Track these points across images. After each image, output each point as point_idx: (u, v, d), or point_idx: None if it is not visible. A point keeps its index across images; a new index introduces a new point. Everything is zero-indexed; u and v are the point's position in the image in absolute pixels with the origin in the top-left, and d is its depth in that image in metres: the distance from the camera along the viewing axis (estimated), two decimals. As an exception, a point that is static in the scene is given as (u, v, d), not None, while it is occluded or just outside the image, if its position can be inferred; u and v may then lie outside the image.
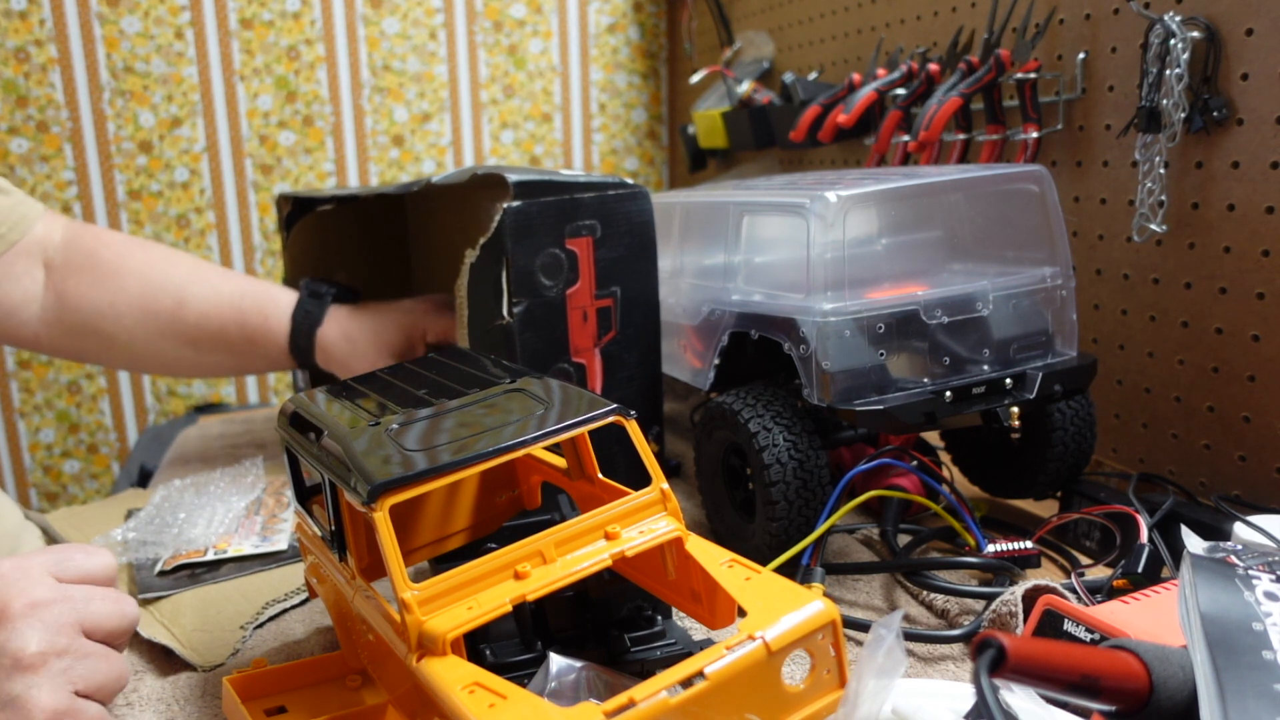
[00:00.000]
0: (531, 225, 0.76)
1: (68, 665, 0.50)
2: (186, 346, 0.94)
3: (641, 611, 0.55)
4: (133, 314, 0.92)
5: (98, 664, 0.51)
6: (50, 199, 1.67)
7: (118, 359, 0.98)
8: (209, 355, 0.95)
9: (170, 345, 0.93)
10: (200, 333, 0.93)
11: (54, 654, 0.49)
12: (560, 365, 0.80)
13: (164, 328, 0.93)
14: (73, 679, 0.50)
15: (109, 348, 0.94)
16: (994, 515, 0.81)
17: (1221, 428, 0.79)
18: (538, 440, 0.49)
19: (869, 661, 0.42)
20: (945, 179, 0.72)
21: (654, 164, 2.01)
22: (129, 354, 0.95)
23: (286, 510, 0.84)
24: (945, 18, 1.05)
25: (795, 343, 0.69)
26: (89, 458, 1.81)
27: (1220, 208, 0.77)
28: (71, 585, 0.53)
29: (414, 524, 0.62)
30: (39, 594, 0.51)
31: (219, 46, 1.71)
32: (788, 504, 0.67)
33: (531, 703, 0.40)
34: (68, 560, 0.54)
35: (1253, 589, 0.42)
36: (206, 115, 1.73)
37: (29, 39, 1.61)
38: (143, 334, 0.93)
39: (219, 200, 1.76)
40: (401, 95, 1.82)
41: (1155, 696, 0.37)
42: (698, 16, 1.75)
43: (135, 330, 0.92)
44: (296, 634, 0.66)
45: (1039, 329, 0.74)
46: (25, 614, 0.49)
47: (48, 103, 1.64)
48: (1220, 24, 0.75)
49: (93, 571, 0.55)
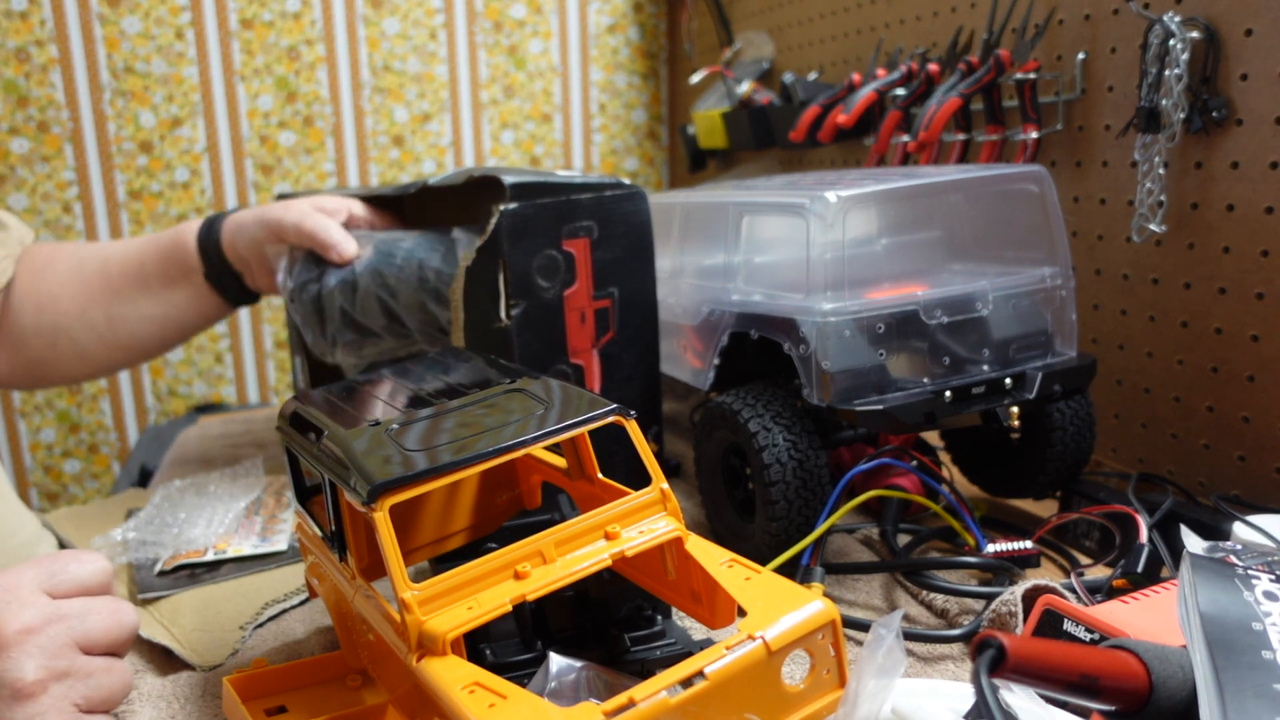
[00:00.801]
0: (528, 227, 0.76)
1: (69, 687, 0.49)
2: (115, 301, 0.92)
3: (641, 611, 0.55)
4: (66, 292, 0.91)
5: (100, 680, 0.50)
6: (50, 199, 1.67)
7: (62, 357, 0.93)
8: (135, 304, 0.92)
9: (101, 311, 0.92)
10: (124, 280, 0.92)
11: (53, 679, 0.48)
12: (558, 366, 0.80)
13: (95, 293, 0.92)
14: (75, 700, 0.49)
15: (52, 347, 0.92)
16: (994, 515, 0.81)
17: (1221, 428, 0.80)
18: (538, 440, 0.49)
19: (869, 661, 0.42)
20: (945, 179, 0.72)
21: (654, 164, 2.01)
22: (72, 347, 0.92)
23: (286, 510, 0.84)
24: (945, 18, 1.05)
25: (795, 343, 0.69)
26: (89, 457, 1.81)
27: (1219, 208, 0.77)
28: (65, 601, 0.51)
29: (414, 524, 0.62)
30: (32, 618, 0.49)
31: (219, 47, 1.71)
32: (788, 504, 0.67)
33: (531, 703, 0.40)
34: (60, 573, 0.52)
35: (1252, 589, 0.42)
36: (207, 115, 1.73)
37: (29, 39, 1.61)
38: (77, 311, 0.91)
39: (219, 200, 1.76)
40: (402, 95, 1.82)
41: (1155, 696, 0.37)
42: (698, 17, 1.75)
43: (70, 309, 0.91)
44: (296, 634, 0.66)
45: (1039, 329, 0.74)
46: (20, 641, 0.48)
47: (48, 103, 1.64)
48: (1220, 24, 0.75)
49: (87, 581, 0.53)
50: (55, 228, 1.68)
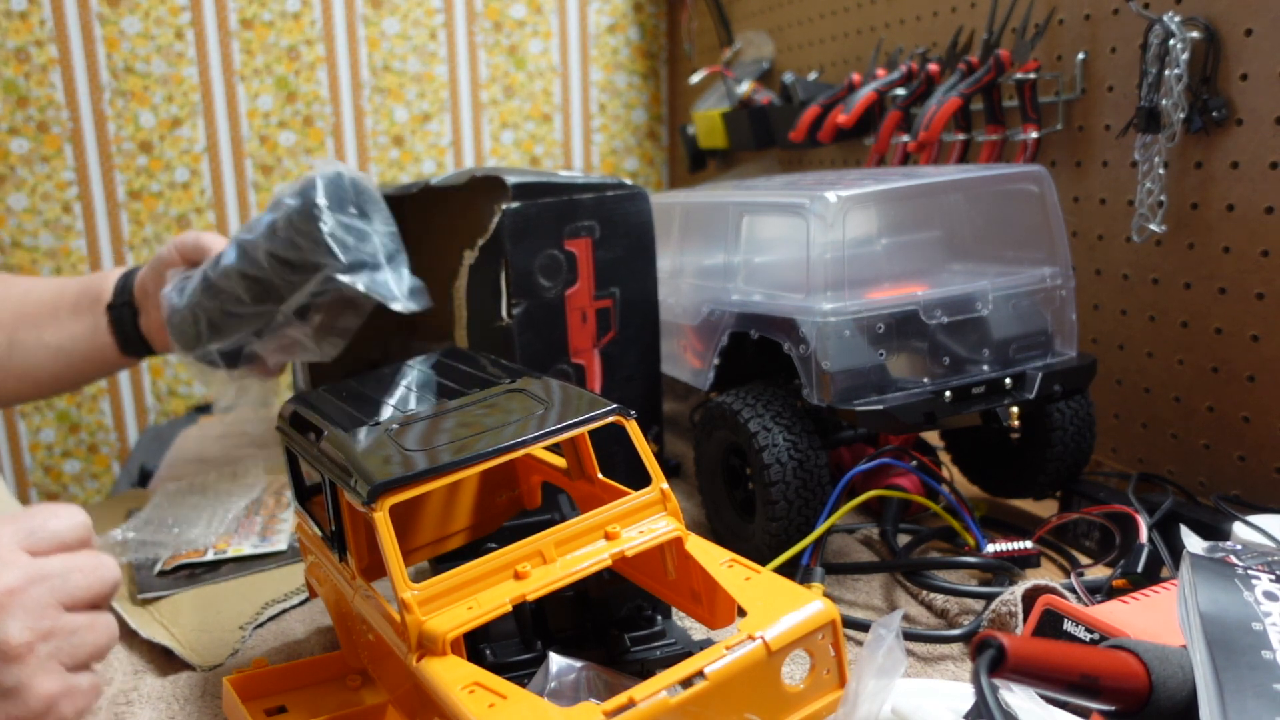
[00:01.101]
0: (530, 226, 0.76)
1: (55, 647, 0.49)
2: (23, 326, 0.91)
3: (641, 611, 0.55)
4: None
5: (84, 636, 0.50)
6: (50, 199, 1.67)
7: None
8: (40, 330, 0.91)
9: (5, 335, 0.91)
10: (39, 307, 0.91)
11: (39, 639, 0.48)
12: (559, 366, 0.80)
13: (5, 317, 0.91)
14: (63, 659, 0.49)
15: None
16: (994, 515, 0.81)
17: (1221, 428, 0.80)
18: (538, 440, 0.49)
19: (869, 661, 0.42)
20: (945, 179, 0.72)
21: (654, 164, 2.01)
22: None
23: (286, 510, 0.84)
24: (945, 18, 1.05)
25: (795, 343, 0.69)
26: (89, 458, 1.81)
27: (1219, 208, 0.77)
28: (46, 560, 0.51)
29: (414, 524, 0.62)
30: (14, 579, 0.49)
31: (219, 47, 1.71)
32: (788, 504, 0.67)
33: (531, 703, 0.40)
34: (39, 530, 0.51)
35: (1252, 589, 0.42)
36: (207, 115, 1.73)
37: (29, 39, 1.61)
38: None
39: (219, 200, 1.76)
40: (402, 95, 1.82)
41: (1155, 696, 0.37)
42: (698, 17, 1.75)
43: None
44: (296, 634, 0.66)
45: (1039, 329, 0.74)
46: (4, 603, 0.48)
47: (48, 103, 1.64)
48: (1219, 24, 0.75)
49: (65, 537, 0.52)
50: (55, 228, 1.68)
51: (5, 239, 1.65)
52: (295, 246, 0.80)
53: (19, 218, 1.66)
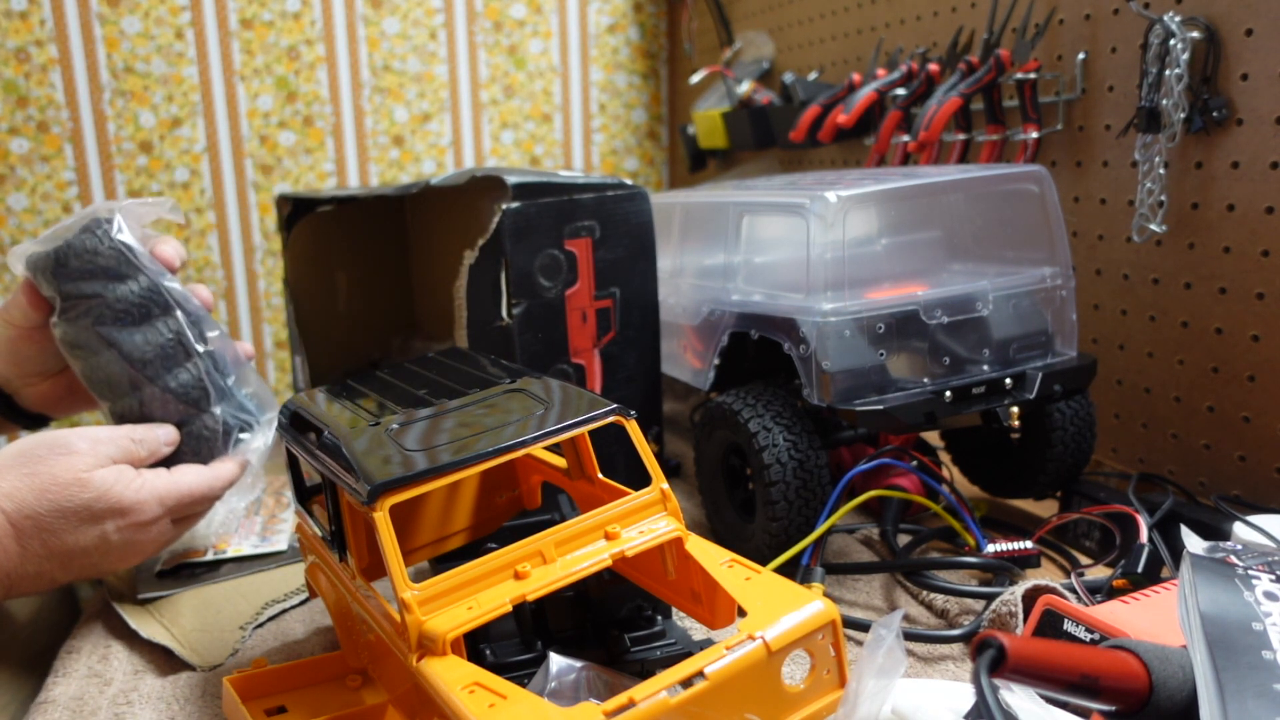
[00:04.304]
0: (530, 226, 0.76)
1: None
2: None
3: (641, 611, 0.55)
4: None
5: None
6: (50, 199, 1.67)
7: None
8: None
9: None
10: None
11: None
12: (560, 366, 0.80)
13: None
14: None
15: None
16: (994, 515, 0.81)
17: (1221, 428, 0.79)
18: (538, 440, 0.49)
19: (869, 661, 0.42)
20: (945, 179, 0.72)
21: (654, 164, 2.01)
22: None
23: (286, 510, 0.84)
24: (945, 18, 1.05)
25: (795, 343, 0.69)
26: (89, 458, 1.80)
27: (1220, 208, 0.77)
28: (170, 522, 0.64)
29: (414, 524, 0.62)
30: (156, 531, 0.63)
31: (219, 47, 1.71)
32: (788, 504, 0.67)
33: (531, 703, 0.40)
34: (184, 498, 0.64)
35: (1252, 589, 0.42)
36: (207, 115, 1.73)
37: (29, 39, 1.61)
38: None
39: (219, 200, 1.76)
40: (402, 95, 1.82)
41: (1155, 696, 0.37)
42: (698, 17, 1.75)
43: None
44: (296, 634, 0.66)
45: (1039, 329, 0.74)
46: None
47: (48, 103, 1.64)
48: (1220, 24, 0.75)
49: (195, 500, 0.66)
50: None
51: (5, 239, 1.65)
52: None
53: (19, 218, 1.66)
